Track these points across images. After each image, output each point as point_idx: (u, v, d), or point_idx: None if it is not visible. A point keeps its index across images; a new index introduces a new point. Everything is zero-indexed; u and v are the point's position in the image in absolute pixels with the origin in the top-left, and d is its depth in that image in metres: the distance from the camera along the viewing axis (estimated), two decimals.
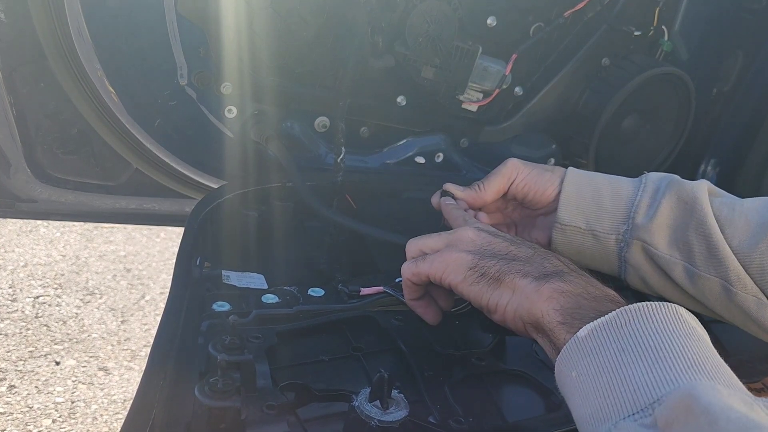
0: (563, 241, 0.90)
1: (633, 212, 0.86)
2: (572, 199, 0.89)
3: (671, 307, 0.59)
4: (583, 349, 0.59)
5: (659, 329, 0.57)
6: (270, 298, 0.85)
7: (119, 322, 2.85)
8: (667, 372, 0.53)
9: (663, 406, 0.51)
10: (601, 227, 0.88)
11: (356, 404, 0.65)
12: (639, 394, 0.53)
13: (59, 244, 3.37)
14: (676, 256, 0.84)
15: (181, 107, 1.09)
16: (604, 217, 0.88)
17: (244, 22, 1.01)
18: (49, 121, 1.08)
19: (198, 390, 0.60)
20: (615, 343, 0.57)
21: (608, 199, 0.88)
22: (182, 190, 1.18)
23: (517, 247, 0.73)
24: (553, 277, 0.67)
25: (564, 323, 0.62)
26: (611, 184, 0.90)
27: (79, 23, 0.97)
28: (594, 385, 0.56)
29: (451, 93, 1.15)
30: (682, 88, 1.32)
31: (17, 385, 2.42)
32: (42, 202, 1.16)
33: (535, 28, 1.21)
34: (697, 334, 0.59)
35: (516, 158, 0.95)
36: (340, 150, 1.05)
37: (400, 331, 0.82)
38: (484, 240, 0.75)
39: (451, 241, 0.77)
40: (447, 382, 0.75)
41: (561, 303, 0.64)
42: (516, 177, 0.93)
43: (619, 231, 0.87)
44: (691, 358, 0.55)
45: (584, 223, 0.88)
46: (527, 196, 0.94)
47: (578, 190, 0.90)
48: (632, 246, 0.86)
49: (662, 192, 0.86)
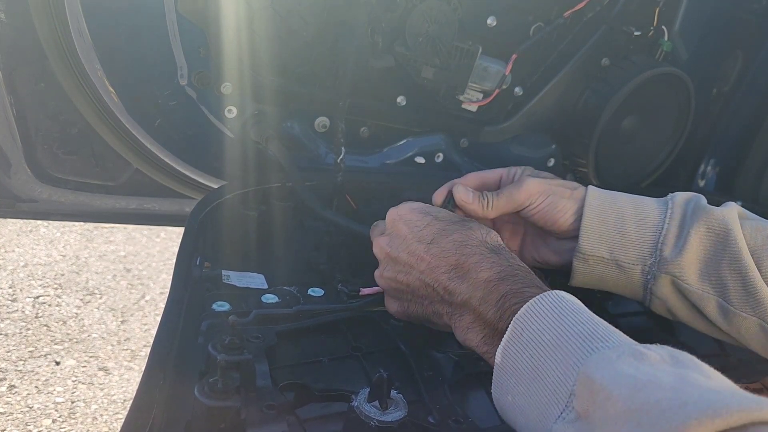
0: (585, 270, 0.86)
1: (661, 243, 0.82)
2: (594, 227, 0.84)
3: (550, 295, 0.61)
4: (505, 372, 0.60)
5: (550, 322, 0.59)
6: (270, 298, 0.85)
7: (119, 322, 2.85)
8: (569, 359, 0.55)
9: (576, 396, 0.52)
10: (626, 257, 0.83)
11: (355, 404, 0.65)
12: (558, 394, 0.54)
13: (59, 244, 3.37)
14: (708, 291, 0.80)
15: (182, 107, 1.09)
16: (628, 246, 0.83)
17: (245, 22, 1.01)
18: (49, 121, 1.08)
19: (198, 390, 0.60)
20: (524, 354, 0.59)
21: (633, 226, 0.83)
22: (182, 190, 1.18)
23: (417, 288, 0.76)
24: (454, 313, 0.71)
25: (490, 356, 0.65)
26: (635, 208, 0.85)
27: (79, 23, 0.97)
28: (527, 400, 0.57)
29: (451, 93, 1.15)
30: (681, 89, 1.32)
31: (17, 385, 2.42)
32: (42, 202, 1.16)
33: (535, 28, 1.21)
34: (578, 307, 0.61)
35: (534, 180, 0.88)
36: (340, 150, 1.05)
37: (399, 331, 0.82)
38: (390, 284, 0.80)
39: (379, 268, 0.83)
40: (446, 382, 0.75)
41: (480, 335, 0.67)
42: (529, 205, 0.88)
43: (646, 263, 0.83)
44: (582, 332, 0.56)
45: (608, 253, 0.84)
46: (539, 223, 0.89)
47: (601, 216, 0.85)
48: (660, 279, 0.82)
49: (689, 220, 0.82)
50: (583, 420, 0.50)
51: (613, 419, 0.46)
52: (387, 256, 0.79)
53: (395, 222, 0.80)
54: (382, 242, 0.80)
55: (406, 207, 0.81)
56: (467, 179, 0.94)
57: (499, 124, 1.28)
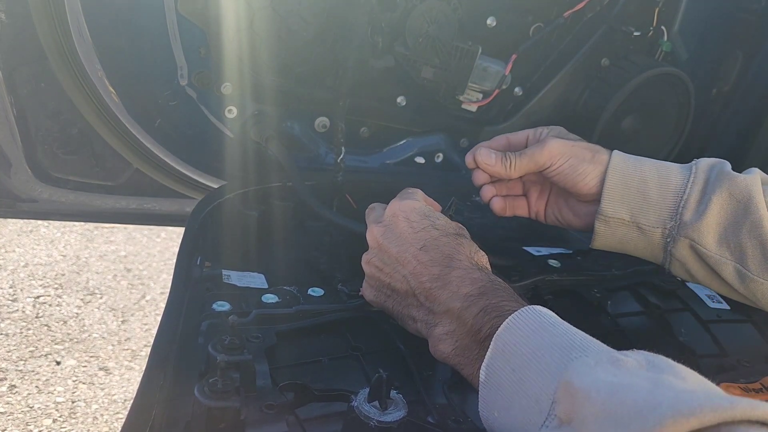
0: (606, 232, 0.88)
1: (681, 207, 0.83)
2: (617, 190, 0.86)
3: (529, 309, 0.63)
4: (490, 388, 0.61)
5: (530, 335, 0.60)
6: (270, 297, 0.85)
7: (120, 322, 2.85)
8: (550, 369, 0.56)
9: (557, 404, 0.53)
10: (646, 220, 0.85)
11: (355, 404, 0.65)
12: (540, 403, 0.55)
13: (60, 244, 3.37)
14: (726, 256, 0.81)
15: (182, 107, 1.09)
16: (649, 209, 0.85)
17: (245, 23, 1.01)
18: (49, 121, 1.08)
19: (198, 390, 0.60)
20: (506, 368, 0.60)
21: (655, 190, 0.85)
22: (182, 190, 1.18)
23: (399, 288, 0.76)
24: (429, 321, 0.72)
25: (462, 367, 0.67)
26: (659, 172, 0.86)
27: (79, 23, 0.97)
28: (511, 414, 0.58)
29: (450, 93, 1.15)
30: (681, 89, 1.32)
31: (18, 384, 2.42)
32: (42, 202, 1.16)
33: (534, 28, 1.21)
34: (556, 321, 0.62)
35: (557, 141, 0.90)
36: (340, 150, 1.06)
37: (399, 331, 0.82)
38: (374, 273, 0.80)
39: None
40: (445, 382, 0.75)
41: (452, 346, 0.68)
42: (551, 166, 0.89)
43: (666, 226, 0.84)
44: (561, 343, 0.58)
45: (628, 215, 0.86)
46: (561, 183, 0.90)
47: (623, 180, 0.86)
48: (679, 242, 0.83)
49: (712, 186, 0.83)
50: (566, 426, 0.51)
51: (592, 421, 0.48)
52: (378, 246, 0.80)
53: (396, 216, 0.80)
54: (377, 231, 0.81)
55: (409, 204, 0.81)
56: (494, 142, 0.96)
57: (498, 124, 1.28)
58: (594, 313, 0.96)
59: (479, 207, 1.18)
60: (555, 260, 1.06)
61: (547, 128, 0.95)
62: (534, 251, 1.10)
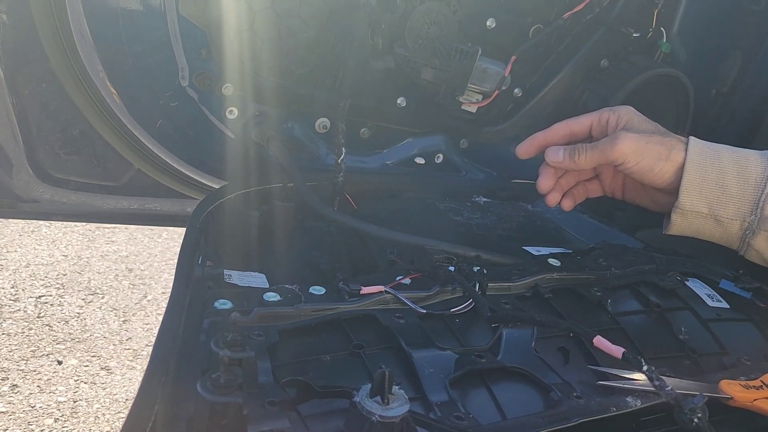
0: (682, 223, 0.88)
1: (762, 201, 0.83)
2: (695, 182, 0.85)
3: None
4: None
5: None
6: (272, 296, 0.85)
7: (121, 322, 2.86)
8: None
9: None
10: (725, 213, 0.84)
11: (357, 400, 0.65)
12: None
13: (61, 244, 3.38)
14: None
15: (183, 108, 1.09)
16: (729, 202, 0.84)
17: (245, 24, 1.02)
18: (51, 122, 1.08)
19: (200, 385, 0.61)
20: None
21: (734, 182, 0.84)
22: (184, 190, 1.18)
23: None
24: None
25: None
26: (738, 164, 0.85)
27: (80, 24, 0.97)
28: None
29: (450, 94, 1.16)
30: (680, 90, 1.32)
31: (20, 384, 2.43)
32: (44, 202, 1.16)
33: (534, 29, 1.21)
34: None
35: (628, 138, 0.87)
36: (341, 151, 1.06)
37: (400, 329, 0.83)
38: None
39: None
40: (447, 378, 0.75)
41: None
42: (623, 163, 0.88)
43: (745, 219, 0.84)
44: None
45: (707, 208, 0.85)
46: (634, 177, 0.89)
47: (701, 173, 0.85)
48: (759, 235, 0.83)
49: None
50: None
51: None
52: None
53: None
54: None
55: None
56: (555, 131, 0.95)
57: (498, 125, 1.29)
58: (594, 312, 0.96)
59: (479, 207, 1.18)
60: (555, 259, 1.06)
61: (615, 115, 0.92)
62: (534, 251, 1.10)
